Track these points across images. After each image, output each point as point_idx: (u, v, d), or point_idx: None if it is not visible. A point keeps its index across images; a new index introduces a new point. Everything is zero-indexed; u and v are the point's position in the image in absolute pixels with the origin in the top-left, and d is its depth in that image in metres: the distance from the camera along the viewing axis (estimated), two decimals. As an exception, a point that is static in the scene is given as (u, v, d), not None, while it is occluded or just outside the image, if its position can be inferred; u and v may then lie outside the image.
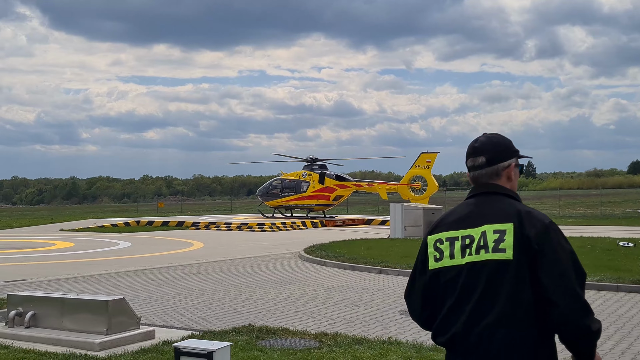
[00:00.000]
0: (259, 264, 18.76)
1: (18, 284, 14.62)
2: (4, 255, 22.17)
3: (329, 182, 42.80)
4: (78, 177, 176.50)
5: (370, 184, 44.71)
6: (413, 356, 7.80)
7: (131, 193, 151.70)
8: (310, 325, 10.11)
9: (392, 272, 16.23)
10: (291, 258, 20.26)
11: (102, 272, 16.94)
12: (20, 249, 25.07)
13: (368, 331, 9.62)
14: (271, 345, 8.43)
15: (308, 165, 44.46)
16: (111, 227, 38.34)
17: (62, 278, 15.87)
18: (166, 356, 7.71)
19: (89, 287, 14.24)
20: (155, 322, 10.32)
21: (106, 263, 19.54)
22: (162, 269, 17.57)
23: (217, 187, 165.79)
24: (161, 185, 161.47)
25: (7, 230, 38.43)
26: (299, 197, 43.30)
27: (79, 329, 8.82)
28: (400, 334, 9.33)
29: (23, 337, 8.89)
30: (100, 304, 8.81)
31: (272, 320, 10.38)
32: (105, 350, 8.29)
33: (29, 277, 16.09)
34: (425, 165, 41.35)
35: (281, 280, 15.38)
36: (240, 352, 7.78)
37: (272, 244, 25.93)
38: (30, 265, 19.02)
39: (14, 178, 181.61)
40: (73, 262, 20.04)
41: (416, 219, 26.66)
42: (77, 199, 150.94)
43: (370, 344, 8.44)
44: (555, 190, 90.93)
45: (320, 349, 8.17)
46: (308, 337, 8.94)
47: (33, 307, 9.28)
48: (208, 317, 10.97)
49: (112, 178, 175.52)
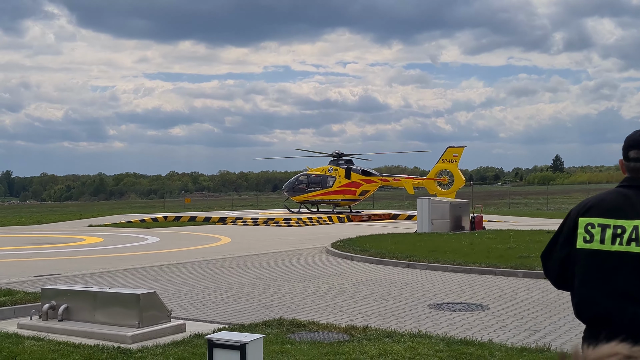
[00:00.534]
0: (287, 258, 18.81)
1: (50, 279, 14.81)
2: (36, 250, 22.49)
3: (355, 177, 42.70)
4: (105, 174, 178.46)
5: (397, 178, 44.55)
6: (444, 349, 7.77)
7: (158, 189, 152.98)
8: (339, 318, 10.12)
9: (420, 266, 16.18)
10: (318, 253, 20.28)
11: (131, 267, 17.10)
12: (51, 244, 25.40)
13: (397, 325, 9.61)
14: (301, 338, 8.45)
15: (334, 160, 44.41)
16: (139, 223, 38.68)
17: (92, 272, 16.05)
18: (198, 349, 7.77)
19: (119, 282, 14.39)
20: (185, 315, 10.40)
21: (135, 258, 19.72)
22: (190, 264, 17.69)
23: (243, 182, 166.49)
24: (187, 181, 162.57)
25: (38, 226, 38.95)
26: (325, 192, 43.28)
27: (111, 322, 8.92)
28: (430, 328, 9.30)
29: (57, 329, 9.02)
30: (132, 297, 8.90)
31: (302, 314, 10.41)
32: (137, 343, 8.38)
33: (61, 271, 16.30)
34: (452, 160, 41.08)
35: (309, 274, 15.40)
36: (271, 345, 7.81)
37: (298, 239, 25.98)
38: (61, 260, 19.26)
39: (43, 175, 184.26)
40: (103, 256, 20.27)
41: (443, 214, 26.54)
42: (104, 195, 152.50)
43: (400, 337, 8.43)
44: (584, 184, 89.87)
45: (351, 342, 8.18)
46: (338, 331, 8.95)
47: (66, 300, 9.41)
48: (238, 310, 11.03)
49: (139, 174, 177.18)
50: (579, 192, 73.83)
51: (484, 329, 9.39)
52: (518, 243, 19.77)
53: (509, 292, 12.56)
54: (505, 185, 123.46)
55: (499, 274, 14.83)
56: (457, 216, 26.86)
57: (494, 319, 10.12)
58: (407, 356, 7.47)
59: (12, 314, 10.31)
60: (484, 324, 9.81)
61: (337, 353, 7.63)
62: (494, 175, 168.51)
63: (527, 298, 11.91)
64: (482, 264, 15.59)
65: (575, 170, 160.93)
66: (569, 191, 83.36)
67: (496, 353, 7.61)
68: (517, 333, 9.12)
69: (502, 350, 7.77)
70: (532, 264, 15.02)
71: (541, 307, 11.00)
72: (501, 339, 8.58)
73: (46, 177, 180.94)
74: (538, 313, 10.53)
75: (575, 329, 9.28)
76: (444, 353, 7.61)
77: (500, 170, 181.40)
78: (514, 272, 14.72)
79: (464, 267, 15.48)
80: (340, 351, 7.72)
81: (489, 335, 8.85)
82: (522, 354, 7.59)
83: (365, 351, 7.72)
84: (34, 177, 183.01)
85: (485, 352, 7.65)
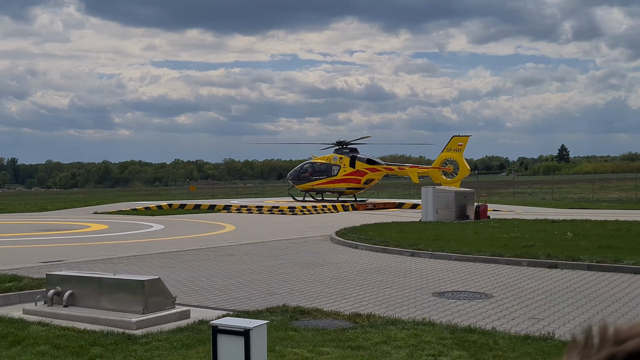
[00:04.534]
0: (291, 246, 18.83)
1: (55, 265, 14.87)
2: (41, 237, 22.57)
3: (360, 165, 42.65)
4: (111, 162, 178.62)
5: (402, 167, 44.46)
6: (447, 337, 7.78)
7: (163, 177, 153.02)
8: (343, 306, 10.13)
9: (424, 254, 16.18)
10: (323, 241, 20.29)
11: (136, 254, 17.15)
12: (56, 231, 25.48)
13: (401, 312, 9.62)
14: (305, 325, 8.47)
15: (339, 148, 44.35)
16: (144, 210, 38.73)
17: (97, 259, 16.10)
18: (202, 335, 7.80)
19: (124, 268, 14.43)
20: (190, 302, 10.43)
21: (140, 245, 19.77)
22: (195, 251, 17.72)
23: (248, 171, 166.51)
24: (192, 169, 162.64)
25: (43, 213, 39.05)
26: (329, 180, 43.24)
27: (115, 308, 8.96)
28: (434, 316, 9.31)
29: (62, 315, 9.06)
30: (137, 283, 8.93)
31: (306, 301, 10.42)
32: (142, 329, 8.41)
33: (66, 258, 16.35)
34: (457, 149, 40.99)
35: (313, 262, 15.42)
36: (275, 332, 7.83)
37: (303, 227, 25.99)
38: (67, 247, 19.32)
39: (48, 162, 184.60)
40: (108, 243, 20.32)
41: (448, 202, 26.52)
42: (109, 182, 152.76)
43: (404, 324, 8.44)
44: (589, 175, 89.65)
45: (355, 329, 8.19)
46: (342, 318, 8.96)
47: (71, 286, 9.45)
48: (242, 297, 11.06)
49: (144, 162, 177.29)
50: (584, 182, 73.70)
51: (487, 317, 9.40)
52: (523, 232, 19.76)
53: (513, 281, 12.56)
54: (510, 175, 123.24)
55: (504, 262, 14.82)
56: (461, 205, 26.84)
57: (498, 307, 10.12)
58: (411, 343, 7.48)
59: (18, 299, 10.36)
60: (488, 312, 9.82)
61: (340, 340, 7.64)
62: (499, 165, 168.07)
63: (531, 287, 11.91)
64: (487, 252, 15.58)
65: (581, 160, 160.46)
66: (574, 181, 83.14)
67: (500, 341, 7.61)
68: (521, 321, 9.13)
69: (505, 338, 7.78)
70: (537, 253, 15.02)
71: (545, 296, 11.00)
72: (505, 327, 8.58)
73: (51, 165, 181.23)
74: (542, 302, 10.53)
75: (578, 318, 9.28)
76: (448, 340, 7.62)
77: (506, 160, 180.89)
78: (519, 260, 14.71)
79: (468, 256, 15.47)
80: (344, 338, 7.73)
81: (492, 324, 8.86)
82: (526, 341, 7.59)
83: (369, 338, 7.74)
84: (39, 165, 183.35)
85: (489, 339, 7.66)
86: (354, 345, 7.45)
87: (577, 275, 13.18)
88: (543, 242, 17.20)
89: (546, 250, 15.44)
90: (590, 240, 17.47)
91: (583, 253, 14.78)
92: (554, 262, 14.22)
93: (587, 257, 14.26)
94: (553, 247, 16.07)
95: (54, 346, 7.46)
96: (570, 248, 15.80)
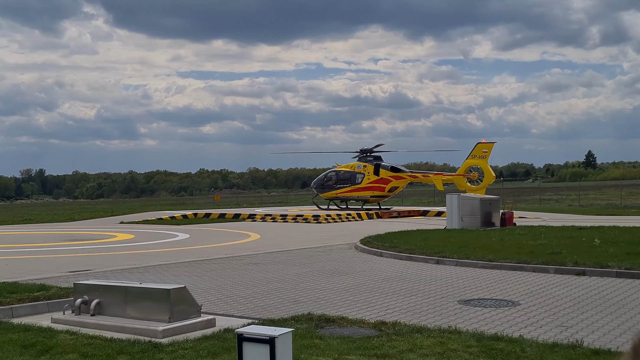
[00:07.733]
0: (316, 254, 18.83)
1: (82, 274, 15.02)
2: (68, 247, 22.82)
3: (384, 173, 42.59)
4: (136, 172, 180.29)
5: (426, 175, 44.31)
6: (474, 345, 7.72)
7: (188, 186, 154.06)
8: (368, 314, 10.10)
9: (449, 262, 16.09)
10: (347, 249, 20.27)
11: (162, 263, 17.26)
12: (84, 240, 25.75)
13: (427, 320, 9.56)
14: (330, 333, 8.46)
15: (363, 156, 44.32)
16: (169, 220, 39.00)
17: (124, 268, 16.23)
18: (228, 343, 7.82)
19: (150, 277, 14.53)
20: (215, 310, 10.46)
21: (166, 254, 19.90)
22: (220, 260, 17.80)
23: (272, 179, 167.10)
24: (217, 178, 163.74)
25: (70, 223, 39.49)
26: (353, 188, 43.22)
27: (142, 317, 9.01)
28: (460, 324, 9.24)
29: (89, 324, 9.14)
30: (163, 292, 8.98)
31: (331, 309, 10.41)
32: (168, 337, 8.45)
33: (93, 267, 16.51)
34: (482, 156, 40.76)
35: (338, 270, 15.40)
36: (300, 340, 7.82)
37: (327, 235, 25.99)
38: (94, 256, 19.51)
39: (75, 173, 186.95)
40: (134, 253, 20.48)
41: (473, 210, 26.34)
42: (135, 192, 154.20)
43: (429, 332, 8.39)
44: (617, 180, 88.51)
45: (380, 337, 8.16)
46: (367, 326, 8.93)
47: (98, 295, 9.53)
48: (267, 306, 11.07)
49: (169, 172, 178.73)
50: (612, 188, 72.82)
51: (514, 325, 9.30)
52: (549, 239, 19.55)
53: (540, 288, 12.43)
54: (536, 182, 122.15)
55: (530, 270, 14.68)
56: (487, 212, 26.64)
57: (525, 315, 10.02)
58: (437, 351, 7.44)
59: (46, 308, 10.48)
60: (515, 319, 9.72)
61: (366, 348, 7.62)
62: (525, 172, 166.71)
63: (559, 294, 11.78)
64: (513, 259, 15.45)
65: (608, 166, 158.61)
66: (602, 187, 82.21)
67: (527, 349, 7.53)
68: (549, 329, 9.02)
69: (533, 346, 7.69)
70: (564, 260, 14.85)
71: (573, 304, 10.87)
72: (532, 335, 8.49)
73: (78, 175, 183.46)
74: (570, 309, 10.41)
75: (607, 326, 9.15)
76: (474, 349, 7.56)
77: (531, 167, 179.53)
78: (545, 268, 14.56)
79: (494, 263, 15.35)
80: (370, 346, 7.71)
81: (519, 331, 8.77)
82: (554, 349, 7.51)
83: (394, 346, 7.70)
84: (66, 175, 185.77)
85: (516, 347, 7.58)
86: (379, 353, 7.41)
87: (605, 282, 13.01)
88: (570, 249, 17.00)
89: (573, 257, 15.26)
90: (619, 246, 17.23)
91: (611, 260, 14.59)
92: (582, 269, 14.05)
93: (615, 264, 14.07)
94: (580, 254, 15.88)
95: (81, 355, 7.53)
96: (598, 255, 15.60)
